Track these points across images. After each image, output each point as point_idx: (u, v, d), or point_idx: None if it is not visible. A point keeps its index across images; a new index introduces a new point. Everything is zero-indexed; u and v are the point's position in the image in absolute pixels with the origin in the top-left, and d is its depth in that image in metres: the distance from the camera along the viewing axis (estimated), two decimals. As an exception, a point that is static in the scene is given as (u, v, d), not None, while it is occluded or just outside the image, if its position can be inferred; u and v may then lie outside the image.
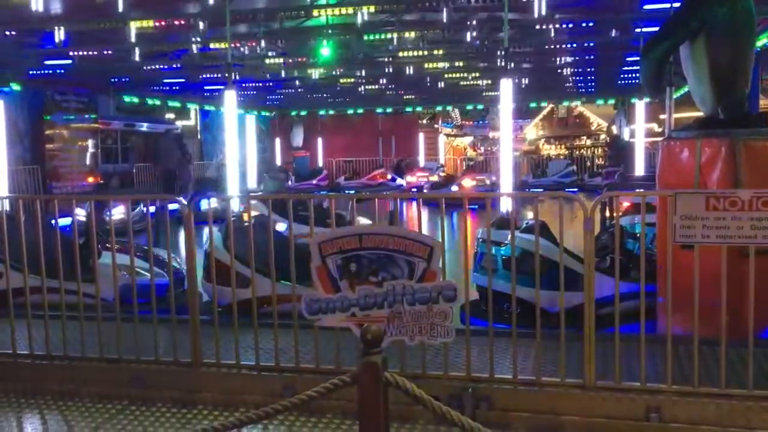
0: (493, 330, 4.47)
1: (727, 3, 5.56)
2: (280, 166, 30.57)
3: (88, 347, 4.99)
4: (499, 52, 14.73)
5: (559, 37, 14.03)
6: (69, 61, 15.84)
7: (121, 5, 10.20)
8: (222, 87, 11.88)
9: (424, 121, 36.30)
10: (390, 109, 31.52)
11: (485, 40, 14.04)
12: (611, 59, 18.27)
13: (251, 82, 21.29)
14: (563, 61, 18.26)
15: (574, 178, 27.53)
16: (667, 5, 10.89)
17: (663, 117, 19.52)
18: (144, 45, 14.39)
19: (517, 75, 18.82)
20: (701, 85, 5.82)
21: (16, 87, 18.03)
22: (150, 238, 5.05)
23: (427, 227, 6.45)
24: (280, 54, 15.76)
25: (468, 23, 12.74)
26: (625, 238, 6.63)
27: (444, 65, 18.15)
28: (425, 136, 35.82)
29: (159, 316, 4.94)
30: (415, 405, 2.79)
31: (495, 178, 22.65)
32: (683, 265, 4.27)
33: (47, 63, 16.57)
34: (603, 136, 39.31)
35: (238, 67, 15.90)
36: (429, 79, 20.95)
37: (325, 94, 25.61)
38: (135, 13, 11.57)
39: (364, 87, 22.98)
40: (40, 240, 4.99)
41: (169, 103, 25.70)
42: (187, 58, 16.33)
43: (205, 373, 4.78)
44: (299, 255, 4.57)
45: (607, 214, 8.10)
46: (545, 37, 13.40)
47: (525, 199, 13.80)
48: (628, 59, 17.82)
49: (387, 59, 16.85)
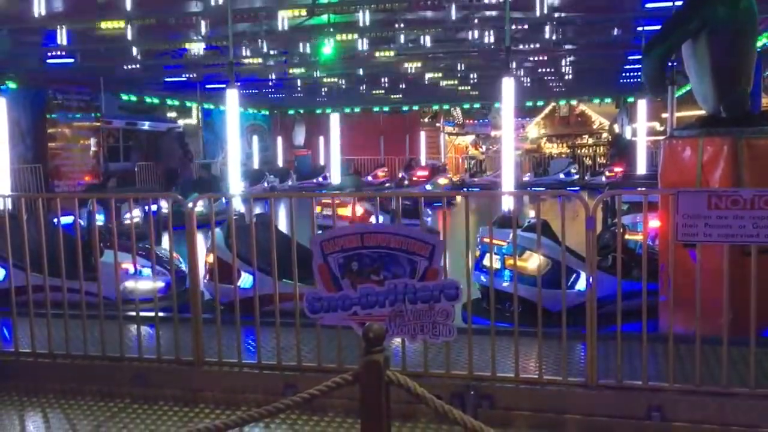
0: (495, 328, 4.46)
1: (729, 2, 5.55)
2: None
3: (90, 345, 4.99)
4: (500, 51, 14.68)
5: (560, 36, 13.99)
6: (71, 60, 15.83)
7: (121, 5, 10.18)
8: (224, 86, 11.84)
9: (426, 119, 36.26)
10: (387, 108, 31.38)
11: (486, 39, 14.00)
12: (613, 58, 18.24)
13: (252, 81, 21.28)
14: (565, 60, 18.23)
15: (576, 176, 27.54)
16: (668, 3, 10.87)
17: (665, 116, 19.50)
18: (145, 44, 14.38)
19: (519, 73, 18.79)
20: (703, 84, 5.82)
21: (18, 85, 18.01)
22: (151, 237, 5.06)
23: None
24: (281, 53, 15.74)
25: (470, 22, 12.73)
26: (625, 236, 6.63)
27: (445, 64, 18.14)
28: (426, 134, 35.75)
29: (161, 314, 4.95)
30: (417, 404, 2.79)
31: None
32: (685, 264, 4.27)
33: (49, 61, 16.56)
34: (605, 135, 39.29)
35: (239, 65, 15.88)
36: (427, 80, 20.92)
37: (324, 95, 25.57)
38: (136, 12, 11.56)
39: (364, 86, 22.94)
40: (42, 238, 5.00)
41: (168, 101, 25.66)
42: (188, 57, 16.32)
43: (206, 371, 4.78)
44: None
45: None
46: (547, 35, 13.37)
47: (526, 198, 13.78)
48: (630, 57, 17.79)
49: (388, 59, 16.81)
